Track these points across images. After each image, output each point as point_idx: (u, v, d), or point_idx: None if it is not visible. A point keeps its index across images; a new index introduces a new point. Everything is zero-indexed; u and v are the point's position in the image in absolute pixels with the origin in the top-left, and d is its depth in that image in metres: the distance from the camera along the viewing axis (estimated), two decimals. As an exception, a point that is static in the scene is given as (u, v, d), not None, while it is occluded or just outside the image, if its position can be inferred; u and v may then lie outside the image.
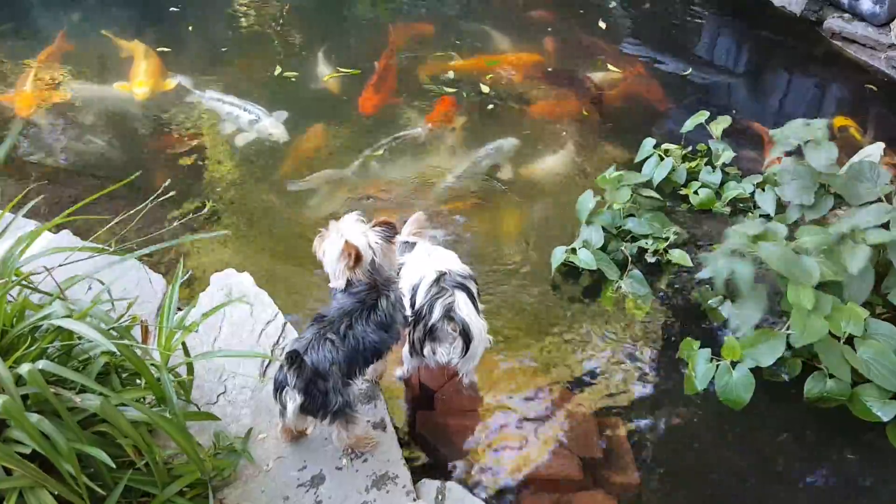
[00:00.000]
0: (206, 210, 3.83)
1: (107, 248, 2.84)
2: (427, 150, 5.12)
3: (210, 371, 3.21)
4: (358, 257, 2.72)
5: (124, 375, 2.64)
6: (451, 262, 3.28)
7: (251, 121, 5.15)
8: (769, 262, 3.37)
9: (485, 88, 5.69)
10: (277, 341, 3.35)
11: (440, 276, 3.13)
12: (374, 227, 2.78)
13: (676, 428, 3.46)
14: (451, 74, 5.85)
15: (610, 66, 5.92)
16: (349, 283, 2.80)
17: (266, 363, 3.26)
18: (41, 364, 2.16)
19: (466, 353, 3.09)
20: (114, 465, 2.22)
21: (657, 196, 4.32)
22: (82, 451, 2.22)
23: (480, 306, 3.26)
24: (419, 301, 3.12)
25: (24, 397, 2.19)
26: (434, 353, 3.10)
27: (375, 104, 5.39)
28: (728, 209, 4.42)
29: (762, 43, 6.39)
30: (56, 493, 2.19)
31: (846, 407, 3.34)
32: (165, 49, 6.00)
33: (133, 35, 6.09)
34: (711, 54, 6.30)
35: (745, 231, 3.55)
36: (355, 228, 2.76)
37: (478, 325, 3.10)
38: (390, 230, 2.80)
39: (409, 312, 3.10)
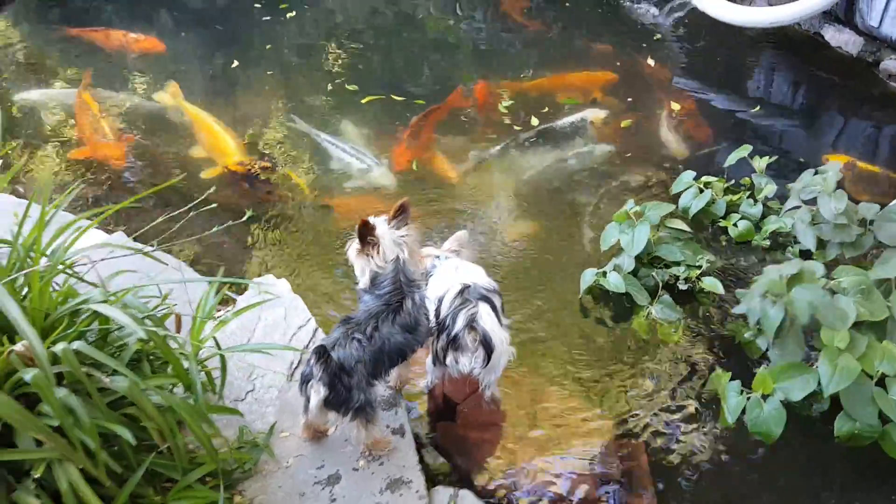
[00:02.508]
0: (245, 218, 4.00)
1: (147, 247, 3.01)
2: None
3: (240, 370, 3.34)
4: (370, 230, 2.84)
5: (157, 364, 2.78)
6: (477, 276, 3.36)
7: (361, 169, 5.17)
8: (800, 311, 3.34)
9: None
10: (308, 344, 3.46)
11: (464, 289, 3.21)
12: (391, 218, 2.90)
13: (700, 457, 3.41)
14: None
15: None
16: (374, 282, 2.91)
17: (294, 365, 3.38)
18: (76, 345, 2.31)
19: (488, 363, 3.15)
20: (134, 442, 2.33)
21: (686, 228, 4.29)
22: (108, 429, 2.34)
23: (505, 320, 3.31)
24: (443, 312, 3.20)
25: (59, 376, 2.34)
26: (456, 362, 3.17)
27: (409, 159, 5.32)
28: (768, 242, 4.38)
29: (818, 83, 6.31)
30: (82, 467, 2.31)
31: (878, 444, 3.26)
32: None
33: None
34: (766, 93, 6.26)
35: (781, 272, 3.53)
36: (382, 226, 2.88)
37: (500, 337, 3.16)
38: (403, 213, 2.92)
39: (433, 322, 3.19)
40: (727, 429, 3.45)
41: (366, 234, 2.91)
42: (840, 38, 6.27)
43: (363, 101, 5.91)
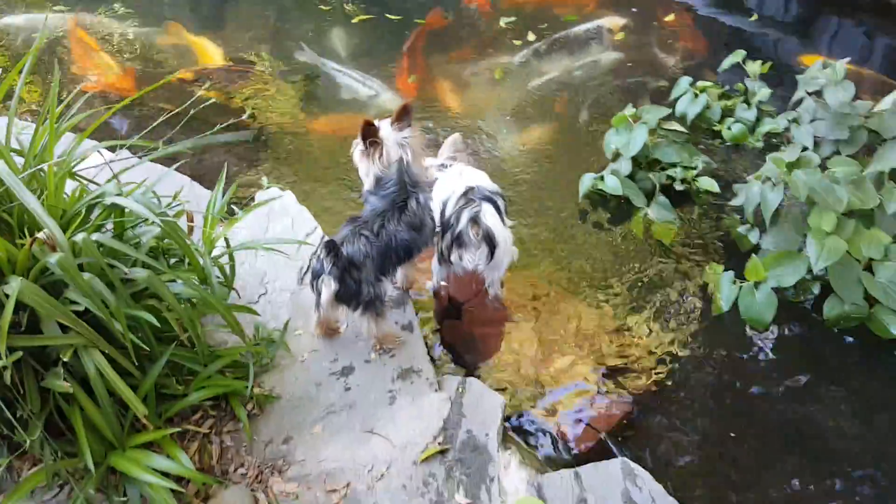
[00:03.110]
0: (245, 116, 4.03)
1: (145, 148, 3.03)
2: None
3: (252, 275, 3.44)
4: (373, 132, 2.91)
5: (172, 262, 2.86)
6: (481, 179, 3.43)
7: (370, 95, 5.19)
8: (799, 190, 3.42)
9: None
10: (316, 251, 3.54)
11: (468, 190, 3.28)
12: (393, 120, 2.95)
13: (697, 345, 3.54)
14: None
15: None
16: (379, 184, 2.98)
17: (304, 270, 3.46)
18: (95, 236, 2.38)
19: (492, 259, 3.24)
20: (158, 324, 2.42)
21: (682, 129, 4.35)
22: (132, 316, 2.44)
23: (508, 221, 3.39)
24: (448, 212, 3.28)
25: (80, 267, 2.42)
26: (461, 258, 3.26)
27: (414, 86, 5.36)
28: (761, 144, 4.45)
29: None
30: (107, 352, 2.41)
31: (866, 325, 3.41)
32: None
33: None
34: (760, 4, 6.24)
35: (782, 158, 3.61)
36: (386, 127, 2.93)
37: (503, 234, 3.25)
38: (406, 115, 2.98)
39: (438, 222, 3.27)
40: (721, 316, 3.56)
41: (369, 136, 2.96)
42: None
43: (354, 20, 5.87)
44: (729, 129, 4.50)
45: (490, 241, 3.18)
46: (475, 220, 3.14)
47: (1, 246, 2.24)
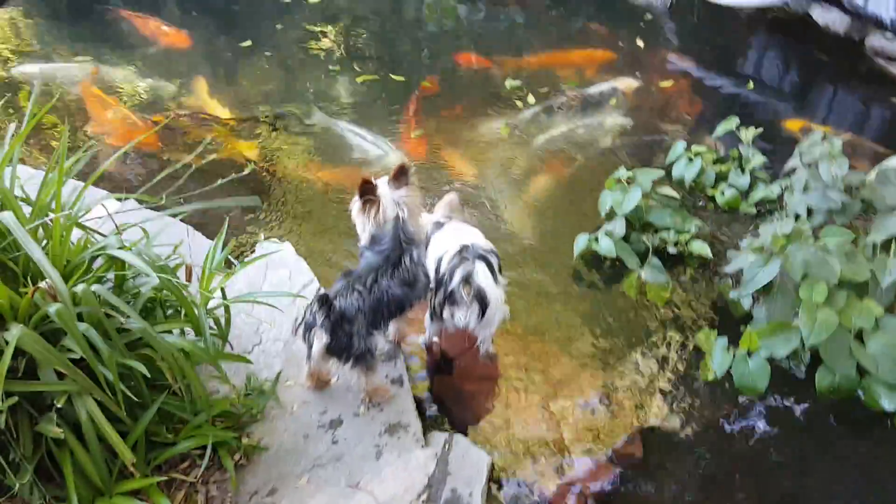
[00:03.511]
0: (246, 171, 4.16)
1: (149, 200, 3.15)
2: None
3: (248, 324, 3.51)
4: (371, 189, 3.00)
5: (169, 312, 2.94)
6: (476, 238, 3.52)
7: (379, 156, 5.31)
8: (795, 267, 3.48)
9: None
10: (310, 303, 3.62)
11: (463, 248, 3.36)
12: (390, 179, 3.05)
13: (686, 411, 3.56)
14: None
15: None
16: (374, 240, 3.07)
17: (299, 321, 3.53)
18: (94, 287, 2.47)
19: (483, 317, 3.30)
20: (148, 375, 2.49)
21: (674, 195, 4.45)
22: (125, 365, 2.51)
23: (502, 279, 3.46)
24: (442, 269, 3.35)
25: (80, 316, 2.50)
26: (452, 316, 3.32)
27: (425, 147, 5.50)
28: (754, 210, 4.53)
29: (807, 61, 6.47)
30: (100, 399, 2.47)
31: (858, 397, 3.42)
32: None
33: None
34: (757, 71, 6.42)
35: (777, 230, 3.68)
36: (383, 185, 3.04)
37: (494, 294, 3.31)
38: (403, 174, 3.08)
39: (432, 279, 3.35)
40: (713, 382, 3.60)
41: (367, 193, 3.07)
42: (828, 17, 6.40)
43: (358, 79, 6.08)
44: (723, 194, 4.60)
45: (482, 300, 3.25)
46: (467, 280, 3.21)
47: (4, 293, 2.33)
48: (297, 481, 2.89)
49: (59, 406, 2.38)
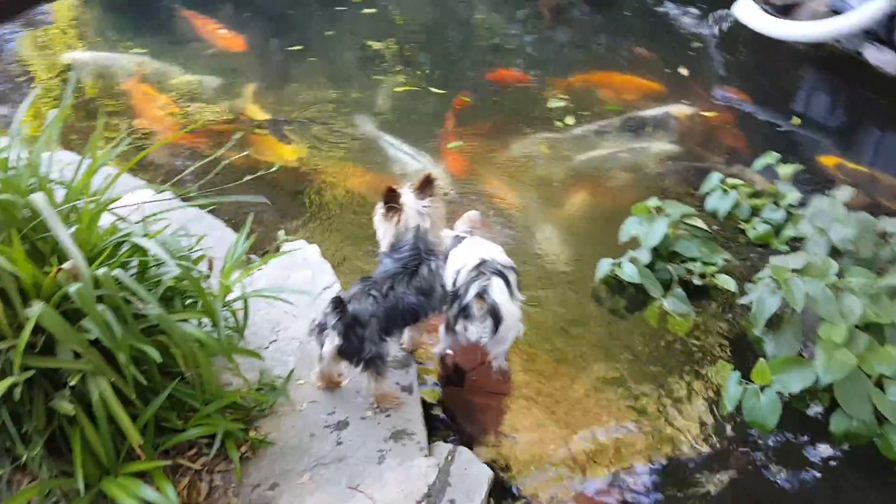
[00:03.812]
0: (273, 169, 4.28)
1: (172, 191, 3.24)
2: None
3: (266, 322, 3.58)
4: (394, 197, 3.05)
5: (187, 302, 3.02)
6: (495, 253, 3.54)
7: (417, 169, 5.34)
8: (794, 297, 3.42)
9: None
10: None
11: (481, 263, 3.38)
12: (416, 188, 3.10)
13: (698, 443, 3.51)
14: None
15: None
16: (394, 247, 3.12)
17: (316, 322, 3.59)
18: (116, 272, 2.55)
19: (496, 333, 3.31)
20: (160, 360, 2.55)
21: (704, 227, 4.40)
22: (139, 349, 2.58)
23: (519, 296, 3.47)
24: (459, 282, 3.38)
25: (100, 299, 2.59)
26: (465, 330, 3.34)
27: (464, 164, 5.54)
28: (786, 247, 4.45)
29: (857, 100, 6.36)
30: (113, 381, 2.55)
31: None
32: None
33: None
34: (805, 107, 6.32)
35: (786, 264, 3.63)
36: (408, 194, 3.09)
37: (509, 309, 3.31)
38: (429, 185, 3.13)
39: (449, 291, 3.38)
40: (725, 417, 3.54)
41: (390, 200, 3.12)
42: (880, 58, 6.28)
43: (398, 89, 6.17)
44: (755, 228, 4.53)
45: (495, 316, 3.25)
46: (481, 295, 3.23)
47: (29, 271, 2.43)
48: (299, 478, 2.93)
49: (72, 384, 2.46)
